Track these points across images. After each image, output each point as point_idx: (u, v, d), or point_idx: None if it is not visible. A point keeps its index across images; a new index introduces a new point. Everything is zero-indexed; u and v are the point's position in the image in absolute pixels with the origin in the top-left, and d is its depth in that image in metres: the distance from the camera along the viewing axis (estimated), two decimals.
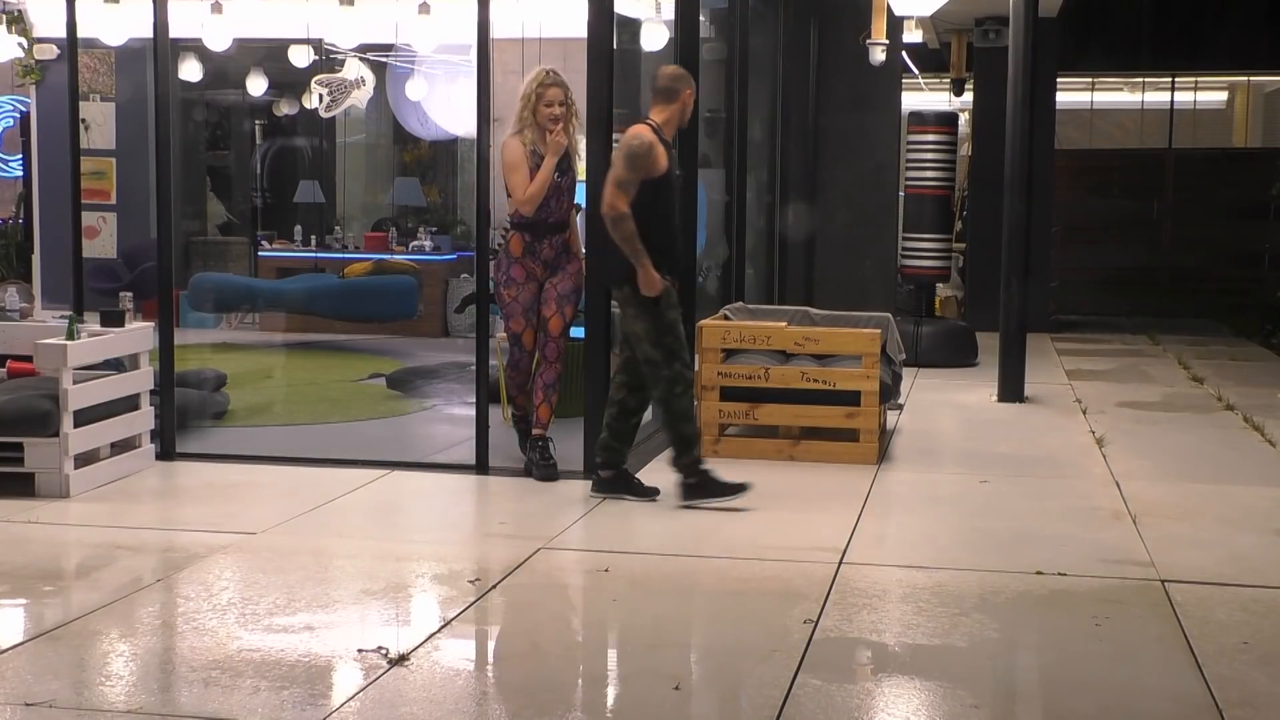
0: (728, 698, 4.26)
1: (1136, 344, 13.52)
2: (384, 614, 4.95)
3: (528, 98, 6.98)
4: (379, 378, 10.31)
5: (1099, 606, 5.07)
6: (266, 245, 14.05)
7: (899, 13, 11.18)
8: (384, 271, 12.86)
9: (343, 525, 6.26)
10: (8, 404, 6.61)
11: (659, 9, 9.32)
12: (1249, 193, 16.40)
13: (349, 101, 10.64)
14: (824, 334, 7.91)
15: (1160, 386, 10.67)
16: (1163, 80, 17.98)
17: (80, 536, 6.03)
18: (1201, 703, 4.17)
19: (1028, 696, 4.43)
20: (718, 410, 7.71)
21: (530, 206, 6.94)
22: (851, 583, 5.33)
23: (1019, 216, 9.77)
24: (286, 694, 4.13)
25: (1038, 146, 10.83)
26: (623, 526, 6.34)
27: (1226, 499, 6.88)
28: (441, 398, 9.53)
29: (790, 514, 6.49)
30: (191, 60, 12.07)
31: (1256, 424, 8.82)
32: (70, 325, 6.80)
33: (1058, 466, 7.64)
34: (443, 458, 7.57)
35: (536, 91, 6.96)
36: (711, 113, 9.96)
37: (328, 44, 11.05)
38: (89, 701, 4.08)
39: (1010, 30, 9.95)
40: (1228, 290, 16.68)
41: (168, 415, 7.50)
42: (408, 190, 14.60)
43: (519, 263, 7.03)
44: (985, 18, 14.05)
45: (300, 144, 15.12)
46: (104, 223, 10.86)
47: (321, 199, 14.27)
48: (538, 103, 6.94)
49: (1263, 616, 5.00)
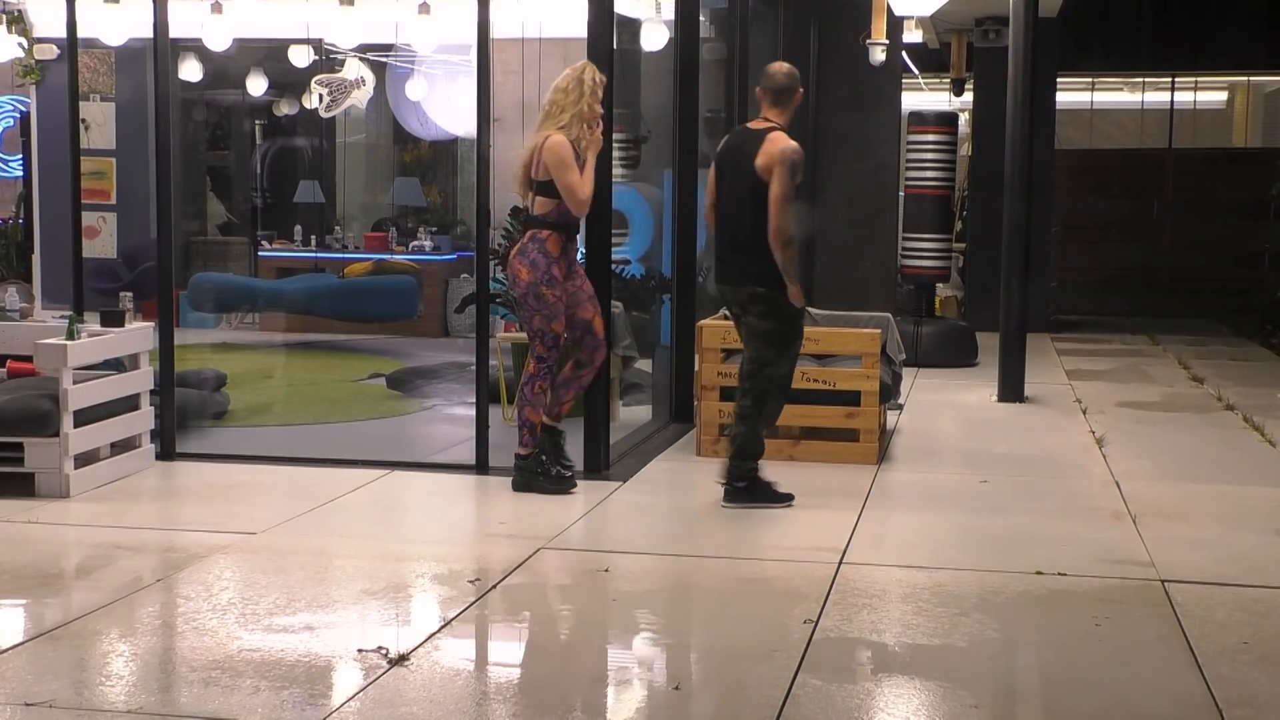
0: (728, 698, 4.26)
1: (1136, 344, 13.52)
2: (384, 614, 4.95)
3: (581, 90, 6.67)
4: (379, 378, 10.31)
5: (1099, 606, 5.07)
6: (266, 245, 14.06)
7: (899, 13, 11.18)
8: (384, 271, 12.86)
9: (343, 525, 6.26)
10: (8, 404, 6.61)
11: (659, 9, 9.32)
12: (1249, 193, 16.40)
13: (349, 101, 10.64)
14: (824, 334, 7.91)
15: (1160, 386, 10.67)
16: (1163, 80, 17.97)
17: (80, 536, 6.03)
18: (1201, 703, 4.17)
19: (1028, 696, 4.43)
20: (717, 410, 7.70)
21: (587, 207, 6.70)
22: (851, 583, 5.33)
23: (1019, 216, 9.77)
24: (286, 694, 4.13)
25: (1038, 146, 10.82)
26: (623, 526, 6.35)
27: (1226, 499, 6.88)
28: (441, 398, 9.53)
29: (790, 514, 6.49)
30: (191, 60, 12.08)
31: (1256, 424, 8.82)
32: (70, 325, 6.80)
33: (1058, 466, 7.64)
34: (443, 458, 7.57)
35: (593, 84, 6.70)
36: (711, 113, 9.96)
37: (328, 44, 11.05)
38: (89, 701, 4.08)
39: (1010, 30, 9.95)
40: (1228, 290, 16.67)
41: (168, 415, 7.50)
42: (408, 190, 14.61)
43: (557, 262, 6.73)
44: (985, 18, 14.05)
45: (300, 144, 15.12)
46: (104, 223, 10.86)
47: (321, 199, 14.27)
48: (592, 97, 6.68)
49: (1263, 616, 5.00)
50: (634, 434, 8.15)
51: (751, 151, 6.42)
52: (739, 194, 6.48)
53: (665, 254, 9.24)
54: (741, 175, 6.45)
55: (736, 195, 6.51)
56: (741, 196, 6.47)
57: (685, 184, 8.78)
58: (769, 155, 6.36)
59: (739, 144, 6.58)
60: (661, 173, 9.56)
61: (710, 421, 7.71)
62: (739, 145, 6.57)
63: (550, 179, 6.62)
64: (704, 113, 9.35)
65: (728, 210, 6.59)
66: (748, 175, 6.41)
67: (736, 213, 6.52)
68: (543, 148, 6.63)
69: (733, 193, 6.54)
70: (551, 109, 6.73)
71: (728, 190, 6.58)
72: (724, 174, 6.61)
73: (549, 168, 6.62)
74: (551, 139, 6.63)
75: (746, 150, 6.46)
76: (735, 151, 6.56)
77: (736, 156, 6.53)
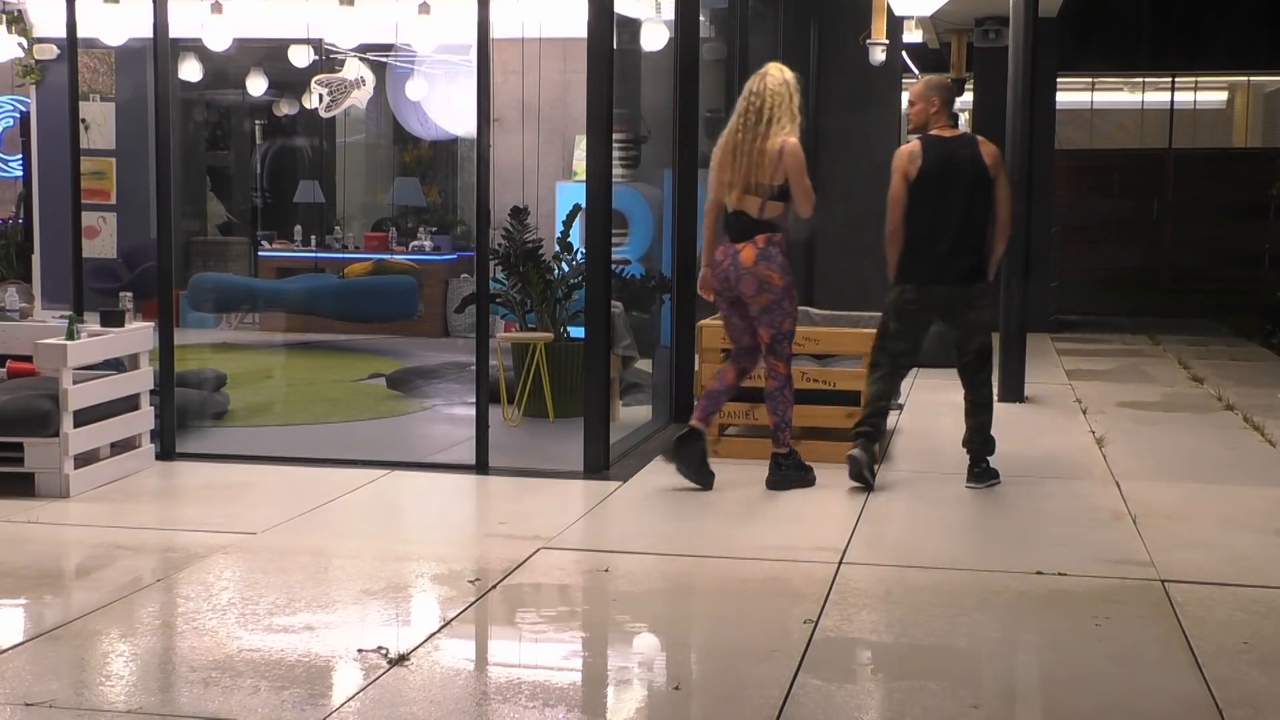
0: (728, 698, 4.26)
1: (1136, 344, 13.52)
2: (384, 614, 4.95)
3: (789, 90, 6.75)
4: (379, 378, 10.31)
5: (1099, 606, 5.07)
6: (266, 245, 14.07)
7: (899, 13, 11.18)
8: (384, 271, 12.87)
9: (343, 525, 6.26)
10: (8, 404, 6.61)
11: (659, 9, 9.33)
12: (1249, 193, 16.40)
13: (349, 101, 10.65)
14: (824, 334, 7.91)
15: (1160, 386, 10.67)
16: (1163, 80, 17.98)
17: (80, 536, 6.03)
18: (1201, 703, 4.17)
19: (1028, 696, 4.43)
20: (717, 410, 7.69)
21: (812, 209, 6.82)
22: (851, 583, 5.33)
23: (1019, 217, 9.71)
24: (286, 694, 4.13)
25: (1038, 146, 10.82)
26: (623, 526, 6.35)
27: (1226, 499, 6.87)
28: (441, 398, 9.53)
29: (790, 514, 6.49)
30: (191, 60, 12.08)
31: (1256, 424, 8.82)
32: (70, 325, 6.80)
33: (1058, 466, 7.64)
34: (443, 458, 7.56)
35: (796, 83, 6.78)
36: (711, 113, 9.95)
37: (328, 44, 11.06)
38: (89, 701, 4.08)
39: (1010, 30, 9.95)
40: (1228, 290, 16.68)
41: (168, 415, 7.50)
42: (408, 190, 14.61)
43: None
44: (985, 18, 14.05)
45: (300, 144, 15.13)
46: (104, 223, 10.87)
47: (321, 199, 14.28)
48: (798, 95, 6.77)
49: (1263, 616, 5.00)
50: (634, 434, 8.15)
51: (970, 156, 6.90)
52: (964, 197, 6.89)
53: (665, 254, 9.24)
54: (966, 180, 6.89)
55: (961, 199, 6.89)
56: (969, 200, 6.88)
57: (685, 184, 8.78)
58: (992, 156, 6.92)
59: (951, 152, 6.92)
60: (661, 173, 9.57)
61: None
62: (953, 153, 6.92)
63: (787, 182, 6.68)
64: (704, 113, 9.35)
65: (949, 214, 6.89)
66: (978, 178, 6.89)
67: (962, 215, 6.89)
68: (784, 152, 6.65)
69: (954, 196, 6.89)
70: (772, 112, 6.71)
71: (947, 196, 6.89)
72: (943, 183, 6.89)
73: (789, 171, 6.66)
74: (791, 143, 6.67)
75: (963, 156, 6.91)
76: (951, 159, 6.90)
77: (954, 164, 6.90)
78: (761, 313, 6.80)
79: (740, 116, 6.75)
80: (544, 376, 8.65)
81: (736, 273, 6.74)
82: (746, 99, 6.77)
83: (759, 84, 6.76)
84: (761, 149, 6.66)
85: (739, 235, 6.79)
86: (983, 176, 6.88)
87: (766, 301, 6.76)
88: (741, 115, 6.75)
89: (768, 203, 6.70)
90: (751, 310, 6.82)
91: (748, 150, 6.68)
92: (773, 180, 6.66)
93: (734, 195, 6.75)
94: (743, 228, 6.77)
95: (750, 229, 6.74)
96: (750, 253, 6.72)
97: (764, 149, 6.66)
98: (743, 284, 6.74)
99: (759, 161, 6.66)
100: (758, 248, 6.71)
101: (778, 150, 6.64)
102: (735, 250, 6.76)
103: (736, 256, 6.75)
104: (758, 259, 6.71)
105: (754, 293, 6.76)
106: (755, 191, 6.69)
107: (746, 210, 6.74)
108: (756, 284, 6.73)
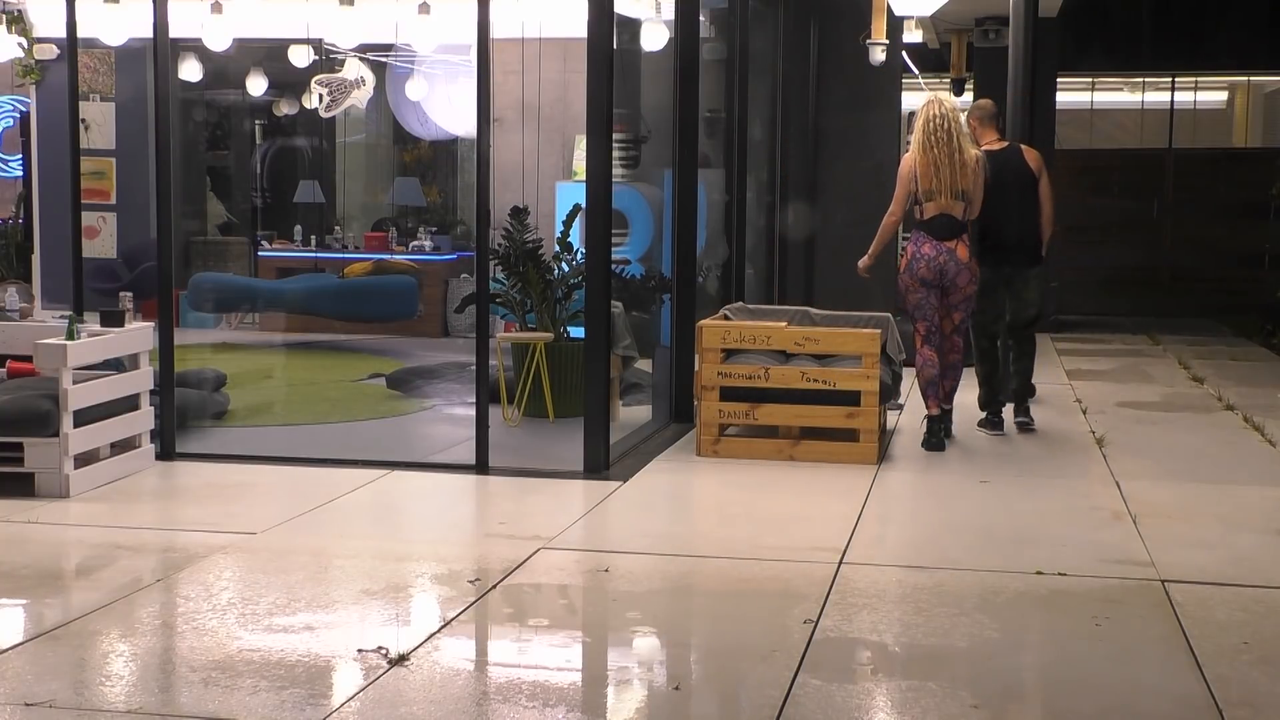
0: (728, 698, 4.26)
1: (1136, 344, 13.52)
2: (384, 614, 4.95)
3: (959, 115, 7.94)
4: (379, 378, 10.31)
5: (1099, 606, 5.07)
6: (266, 245, 14.06)
7: (899, 13, 11.17)
8: (384, 271, 12.86)
9: (343, 525, 6.26)
10: (8, 404, 6.61)
11: (659, 9, 9.32)
12: (1249, 193, 16.40)
13: (349, 101, 10.64)
14: (824, 334, 7.91)
15: (1160, 386, 10.67)
16: (1163, 80, 17.96)
17: (80, 536, 6.03)
18: (1201, 703, 4.17)
19: (1028, 696, 4.43)
20: (718, 410, 7.70)
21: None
22: (851, 583, 5.33)
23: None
24: (286, 694, 4.13)
25: (1038, 147, 10.80)
26: (623, 526, 6.35)
27: (1226, 499, 6.87)
28: (441, 398, 9.53)
29: (790, 514, 6.49)
30: (191, 60, 12.08)
31: (1256, 424, 8.82)
32: (70, 325, 6.80)
33: (1058, 466, 7.64)
34: (443, 458, 7.57)
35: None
36: (711, 113, 9.96)
37: (328, 44, 11.05)
38: (89, 701, 4.08)
39: (1010, 30, 9.95)
40: (1228, 290, 16.67)
41: (168, 415, 7.50)
42: (408, 190, 14.61)
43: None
44: (985, 18, 14.04)
45: (300, 144, 15.12)
46: (104, 223, 10.86)
47: (321, 199, 14.28)
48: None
49: (1263, 616, 5.00)
50: (634, 434, 8.15)
51: (1019, 163, 8.37)
52: (1016, 198, 8.30)
53: (665, 254, 9.24)
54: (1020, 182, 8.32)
55: (1016, 198, 8.31)
56: (1024, 199, 8.34)
57: (685, 184, 8.78)
58: (1036, 160, 8.43)
59: (1005, 160, 8.31)
60: (661, 173, 9.56)
61: (710, 421, 7.71)
62: (1006, 161, 8.31)
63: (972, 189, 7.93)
64: (704, 113, 9.35)
65: (1011, 210, 8.30)
66: (1026, 181, 8.34)
67: (1020, 211, 8.35)
68: (979, 163, 7.94)
69: (1009, 198, 8.25)
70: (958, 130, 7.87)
71: (1004, 198, 8.19)
72: (1002, 186, 8.16)
73: (980, 180, 7.93)
74: (979, 156, 7.95)
75: (1015, 163, 8.36)
76: (1006, 166, 8.27)
77: (1010, 170, 8.29)
78: (964, 301, 8.01)
79: (931, 135, 7.78)
80: (544, 376, 8.65)
81: (956, 267, 7.88)
82: (932, 121, 7.79)
83: (936, 109, 7.83)
84: (963, 161, 7.81)
85: (948, 235, 7.87)
86: (1028, 178, 8.36)
87: (971, 291, 8.00)
88: (932, 134, 7.77)
89: (968, 206, 7.88)
90: (954, 299, 7.97)
91: (948, 163, 7.77)
92: (972, 187, 7.85)
93: (941, 201, 7.82)
94: (951, 228, 7.87)
95: (958, 229, 7.89)
96: (965, 250, 7.92)
97: (964, 161, 7.81)
98: (960, 276, 7.90)
99: (962, 172, 7.81)
100: (968, 246, 7.93)
101: (975, 161, 7.87)
102: (949, 248, 7.86)
103: (954, 253, 7.87)
104: (970, 256, 7.95)
105: (967, 283, 7.94)
106: (960, 197, 7.82)
107: (953, 213, 7.85)
108: (970, 276, 7.94)
